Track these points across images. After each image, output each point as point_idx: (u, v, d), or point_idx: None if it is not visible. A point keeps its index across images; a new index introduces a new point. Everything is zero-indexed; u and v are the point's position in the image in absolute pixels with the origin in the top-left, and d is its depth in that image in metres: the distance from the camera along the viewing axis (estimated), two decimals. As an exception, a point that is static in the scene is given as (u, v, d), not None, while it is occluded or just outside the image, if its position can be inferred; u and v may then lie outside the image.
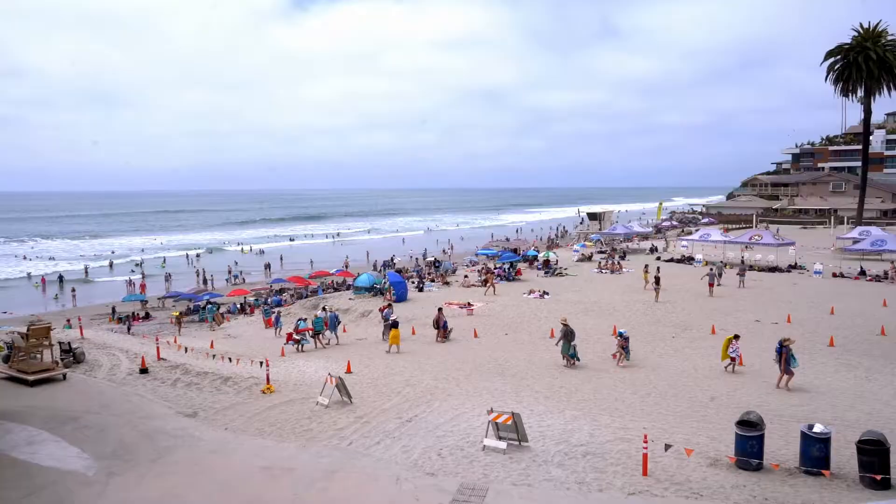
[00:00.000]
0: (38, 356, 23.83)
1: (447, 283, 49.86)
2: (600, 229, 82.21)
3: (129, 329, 40.04)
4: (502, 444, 14.82)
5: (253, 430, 17.54)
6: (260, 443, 16.29)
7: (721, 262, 49.46)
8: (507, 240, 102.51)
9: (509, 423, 14.82)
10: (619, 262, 52.81)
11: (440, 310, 30.71)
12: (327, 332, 31.48)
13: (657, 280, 37.28)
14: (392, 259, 74.33)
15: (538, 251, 62.59)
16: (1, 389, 21.06)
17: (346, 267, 69.85)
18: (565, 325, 24.21)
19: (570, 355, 23.79)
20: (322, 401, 19.35)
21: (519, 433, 14.96)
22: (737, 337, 22.54)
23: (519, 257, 59.36)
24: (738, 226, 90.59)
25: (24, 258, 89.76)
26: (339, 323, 32.91)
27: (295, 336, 30.35)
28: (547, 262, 52.87)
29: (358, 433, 16.63)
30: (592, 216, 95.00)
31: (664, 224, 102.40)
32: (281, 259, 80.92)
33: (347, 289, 51.68)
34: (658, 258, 56.81)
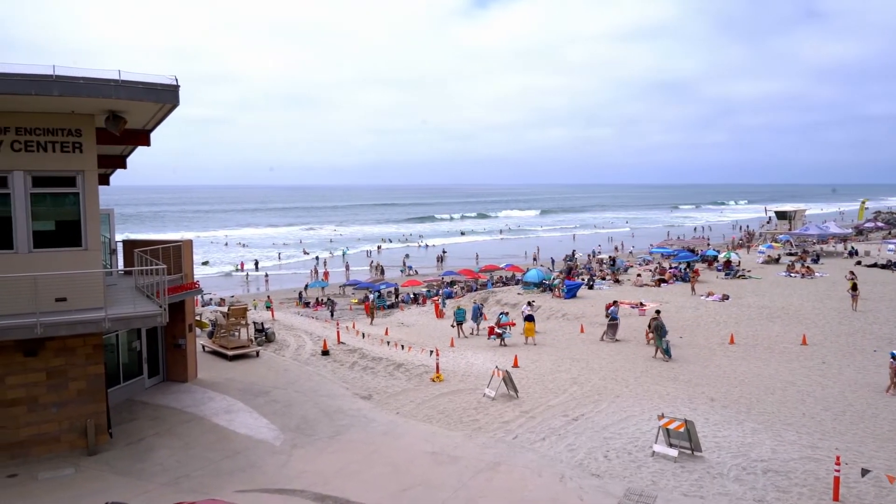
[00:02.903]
0: (237, 334, 26.44)
1: (618, 282, 48.50)
2: (790, 229, 75.77)
3: (332, 314, 42.88)
4: (673, 452, 14.18)
5: (422, 416, 18.20)
6: (428, 429, 16.87)
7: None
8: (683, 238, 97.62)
9: (682, 430, 14.14)
10: (810, 266, 48.36)
11: (658, 312, 27.40)
12: (470, 322, 33.35)
13: (854, 286, 33.67)
14: (573, 254, 73.82)
15: (718, 251, 58.95)
16: (207, 362, 23.62)
17: (535, 259, 70.83)
18: (656, 319, 25.32)
19: (664, 350, 24.58)
20: (489, 393, 19.64)
21: (692, 442, 14.23)
22: None
23: (697, 257, 56.31)
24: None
25: (225, 244, 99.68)
26: (482, 314, 34.92)
27: (497, 330, 29.75)
28: (728, 263, 49.64)
29: (523, 427, 16.68)
30: (781, 215, 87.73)
31: (867, 225, 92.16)
32: (443, 253, 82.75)
33: (516, 283, 51.95)
34: (858, 262, 51.28)
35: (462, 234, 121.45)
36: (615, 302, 30.53)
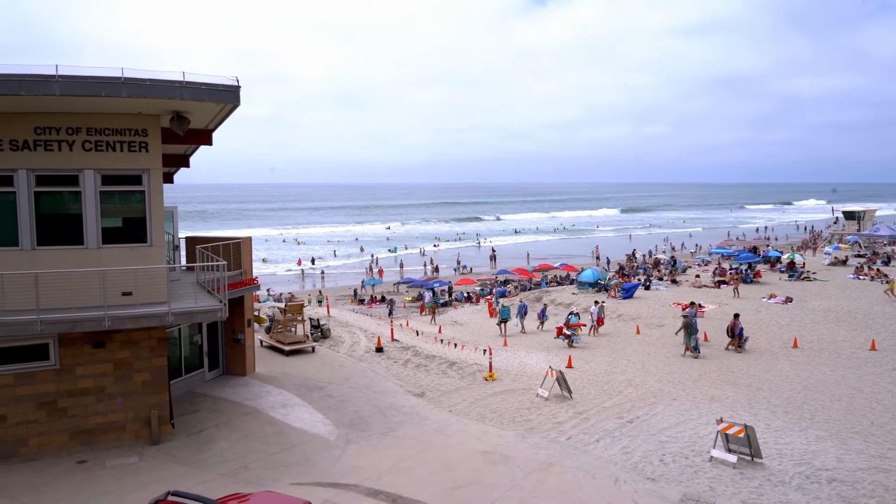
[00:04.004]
0: (293, 330, 26.97)
1: (675, 282, 47.52)
2: (859, 230, 72.87)
3: (390, 312, 43.32)
4: (732, 458, 13.80)
5: (475, 414, 18.20)
6: (481, 428, 16.86)
7: None
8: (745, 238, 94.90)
9: (741, 435, 13.75)
10: (880, 268, 46.37)
11: (737, 316, 26.72)
12: (516, 320, 33.47)
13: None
14: (633, 253, 72.84)
15: (781, 252, 57.14)
16: (264, 356, 24.17)
17: (598, 259, 70.30)
18: (685, 316, 25.95)
19: (693, 347, 24.99)
20: (542, 393, 19.51)
21: (752, 448, 13.83)
22: None
23: (758, 258, 54.67)
24: None
25: (283, 241, 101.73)
26: (527, 313, 34.78)
27: (566, 331, 28.77)
28: (792, 265, 48.07)
29: (577, 429, 16.51)
30: (849, 215, 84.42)
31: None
32: (493, 252, 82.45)
33: (571, 283, 51.46)
34: (933, 265, 48.94)
35: (516, 232, 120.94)
36: (692, 303, 29.41)
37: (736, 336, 25.96)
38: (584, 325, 30.42)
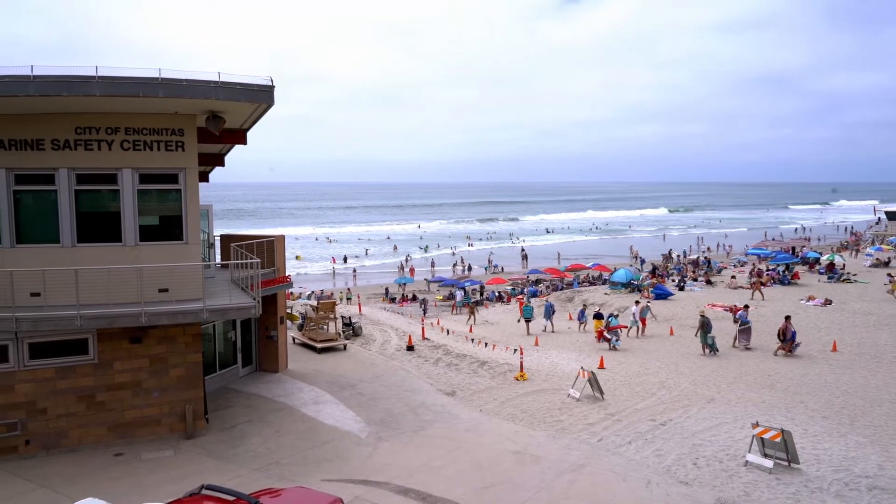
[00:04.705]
0: (325, 327, 27.18)
1: (710, 283, 46.78)
2: (902, 231, 70.89)
3: (423, 312, 43.39)
4: (768, 463, 13.53)
5: (505, 414, 18.14)
6: (511, 427, 16.80)
7: None
8: (782, 238, 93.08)
9: (778, 440, 13.48)
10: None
11: (788, 318, 25.68)
12: (542, 320, 33.57)
13: None
14: (670, 253, 72.08)
15: (820, 253, 55.89)
16: (296, 353, 24.41)
17: (636, 257, 69.80)
18: (703, 316, 26.06)
19: (710, 345, 25.25)
20: (573, 394, 19.36)
21: (789, 453, 13.55)
22: None
23: (796, 259, 53.56)
24: None
25: (315, 239, 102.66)
26: (554, 312, 34.81)
27: (606, 334, 27.99)
28: (831, 266, 46.99)
29: (609, 430, 16.35)
30: (893, 215, 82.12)
31: None
32: (522, 251, 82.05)
33: (603, 283, 51.01)
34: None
35: (547, 231, 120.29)
36: (746, 306, 28.32)
37: (788, 340, 24.88)
38: (626, 327, 29.98)
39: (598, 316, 30.90)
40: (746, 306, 28.38)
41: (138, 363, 15.54)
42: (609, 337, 27.77)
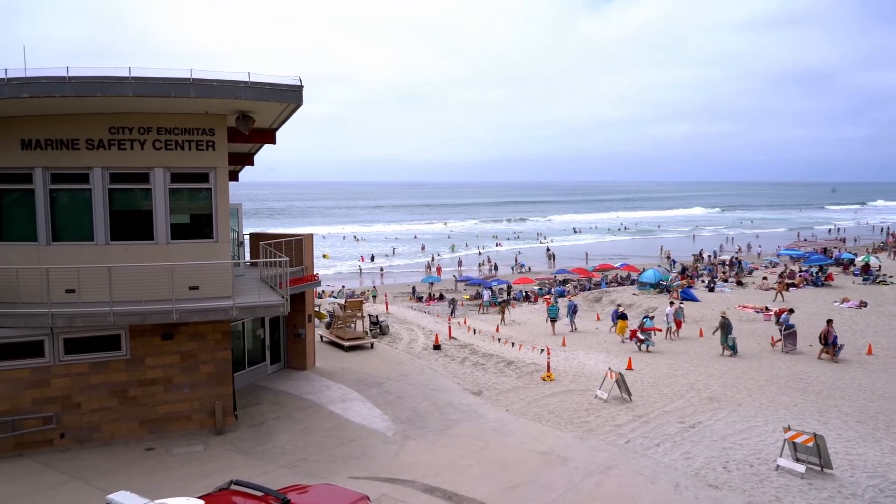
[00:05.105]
0: (353, 326, 27.32)
1: (741, 284, 46.10)
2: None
3: (452, 311, 43.39)
4: (800, 468, 13.29)
5: (532, 414, 18.07)
6: (538, 428, 16.73)
7: None
8: (814, 239, 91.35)
9: (810, 444, 13.23)
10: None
11: (830, 322, 24.86)
12: (566, 319, 34.02)
13: None
14: (701, 253, 71.35)
15: (855, 254, 54.75)
16: (324, 351, 24.59)
17: (668, 258, 69.34)
18: (724, 317, 26.19)
19: (730, 347, 25.46)
20: (601, 395, 19.22)
21: (822, 458, 13.29)
22: None
23: (830, 260, 52.54)
24: None
25: (343, 238, 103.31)
26: (577, 311, 35.32)
27: (639, 335, 27.61)
28: (867, 268, 46.00)
29: (636, 432, 16.20)
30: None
31: None
32: (548, 251, 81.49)
33: (631, 283, 50.57)
34: None
35: (575, 231, 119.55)
36: (791, 310, 27.50)
37: (830, 344, 24.21)
38: (660, 330, 29.56)
39: (622, 316, 30.67)
40: (791, 310, 27.59)
41: (169, 359, 15.78)
42: (642, 338, 27.42)
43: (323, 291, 49.46)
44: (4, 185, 15.21)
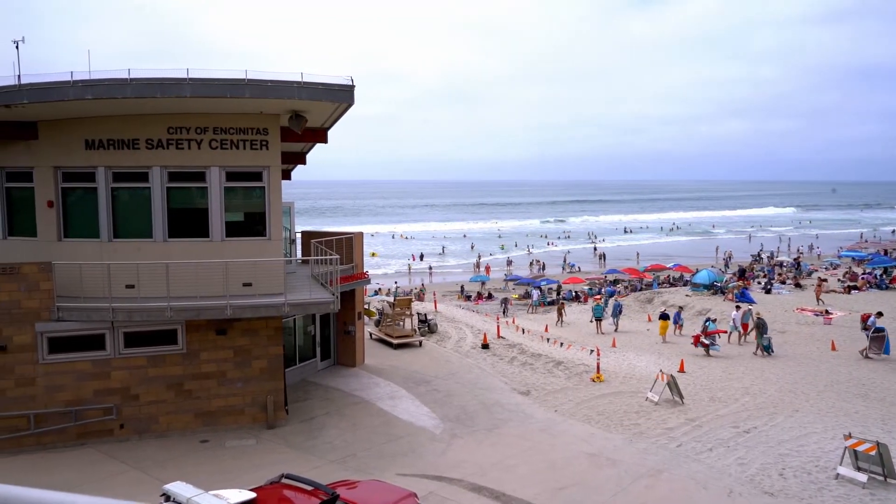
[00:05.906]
0: (402, 324, 27.49)
1: (799, 286, 44.67)
2: None
3: (504, 311, 43.18)
4: (862, 477, 12.80)
5: (580, 415, 17.88)
6: (587, 429, 16.55)
7: None
8: (876, 240, 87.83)
9: (872, 453, 12.74)
10: None
11: (880, 314, 24.75)
12: (611, 319, 33.87)
13: None
14: (759, 254, 69.58)
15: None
16: (373, 348, 24.79)
17: (729, 258, 68.02)
18: (759, 318, 26.31)
19: (764, 347, 25.26)
20: (652, 397, 18.89)
21: (885, 467, 12.78)
22: None
23: (895, 262, 50.47)
24: None
25: (392, 237, 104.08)
26: (622, 312, 35.17)
27: (703, 340, 26.45)
28: (935, 270, 44.06)
29: (688, 436, 15.86)
30: None
31: None
32: (595, 251, 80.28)
33: (684, 284, 49.52)
34: None
35: (626, 231, 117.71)
36: (879, 313, 25.97)
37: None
38: (724, 332, 28.77)
39: (663, 316, 29.96)
40: (880, 313, 26.24)
41: (223, 354, 16.16)
42: (707, 342, 26.29)
43: (378, 289, 49.96)
44: (69, 183, 15.84)
